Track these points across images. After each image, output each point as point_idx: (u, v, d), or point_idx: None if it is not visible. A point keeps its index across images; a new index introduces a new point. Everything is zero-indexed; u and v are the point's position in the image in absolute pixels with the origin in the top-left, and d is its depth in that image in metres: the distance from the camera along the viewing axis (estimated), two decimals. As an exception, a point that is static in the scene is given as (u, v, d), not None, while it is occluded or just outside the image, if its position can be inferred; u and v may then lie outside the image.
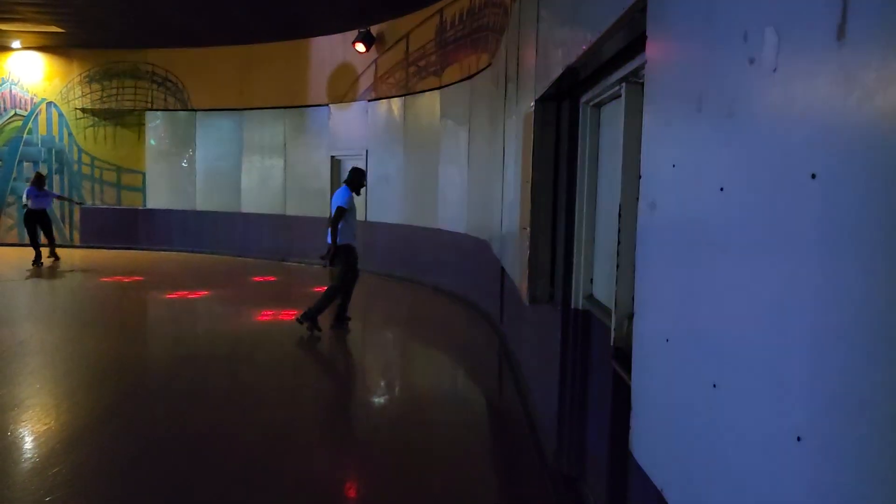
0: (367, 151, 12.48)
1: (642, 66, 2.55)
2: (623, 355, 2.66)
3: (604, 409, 3.04)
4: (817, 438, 0.94)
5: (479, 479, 4.10)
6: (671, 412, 1.48)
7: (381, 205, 12.24)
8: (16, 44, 14.94)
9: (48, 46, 15.08)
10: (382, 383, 6.30)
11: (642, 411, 1.70)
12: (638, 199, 2.63)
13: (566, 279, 3.85)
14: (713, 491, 1.25)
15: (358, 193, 7.56)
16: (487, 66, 8.62)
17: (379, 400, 5.78)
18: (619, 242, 2.71)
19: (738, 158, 1.18)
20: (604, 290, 3.37)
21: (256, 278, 11.86)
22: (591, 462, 3.41)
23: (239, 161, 14.43)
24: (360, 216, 13.06)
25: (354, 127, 12.71)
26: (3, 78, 15.38)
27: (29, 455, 4.22)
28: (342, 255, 7.27)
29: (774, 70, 1.06)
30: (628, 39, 2.51)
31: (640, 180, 1.81)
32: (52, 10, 12.00)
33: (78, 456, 4.16)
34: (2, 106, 15.43)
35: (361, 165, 12.75)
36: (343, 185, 7.49)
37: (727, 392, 1.20)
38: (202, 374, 6.12)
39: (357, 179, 7.54)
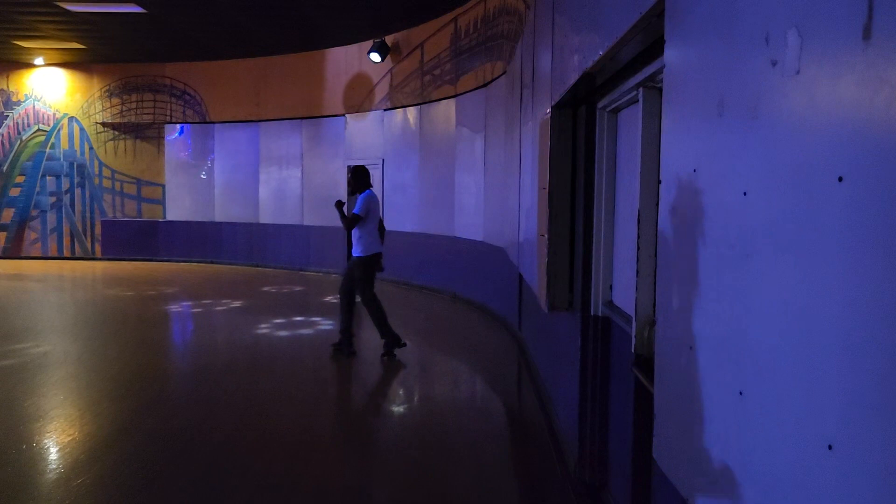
0: (383, 161, 12.52)
1: (660, 71, 2.53)
2: (644, 362, 2.63)
3: (626, 416, 3.01)
4: (849, 447, 0.92)
5: (499, 487, 4.07)
6: (696, 420, 1.46)
7: (397, 213, 12.26)
8: (38, 61, 15.22)
9: (69, 63, 15.34)
10: (401, 391, 6.29)
11: (666, 419, 1.68)
12: (657, 204, 2.63)
13: (585, 286, 3.83)
14: (741, 501, 1.22)
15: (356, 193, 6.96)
16: (502, 74, 8.62)
17: (398, 408, 5.77)
18: (638, 249, 2.69)
19: (761, 162, 1.17)
20: (623, 297, 3.34)
21: (275, 288, 11.91)
22: (614, 470, 3.37)
23: (256, 172, 14.54)
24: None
25: (370, 136, 12.76)
26: (26, 94, 15.65)
27: (53, 466, 4.26)
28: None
29: (798, 72, 1.05)
30: (645, 44, 2.50)
31: (660, 185, 1.79)
32: (73, 26, 12.20)
33: (102, 467, 4.18)
34: (25, 121, 15.70)
35: (377, 174, 12.81)
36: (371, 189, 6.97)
37: (754, 400, 1.18)
38: (223, 384, 6.14)
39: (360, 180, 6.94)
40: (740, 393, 1.22)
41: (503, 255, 8.07)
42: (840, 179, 0.93)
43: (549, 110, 4.23)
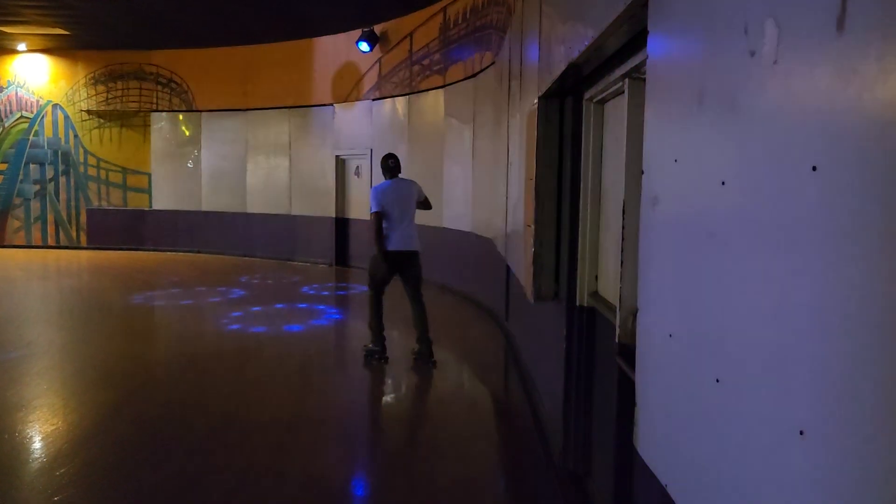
0: (371, 151, 12.48)
1: (644, 62, 2.54)
2: (628, 352, 2.65)
3: (609, 406, 3.03)
4: (820, 433, 0.93)
5: (485, 476, 4.10)
6: (675, 408, 1.47)
7: (385, 204, 12.23)
8: (21, 46, 15.01)
9: (53, 49, 15.15)
10: (388, 381, 6.30)
11: (646, 407, 1.70)
12: (641, 195, 2.64)
13: (571, 276, 3.84)
14: (718, 486, 1.24)
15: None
16: (491, 65, 8.61)
17: (385, 397, 5.79)
18: (623, 239, 2.70)
19: (738, 152, 1.18)
20: (609, 288, 3.36)
21: (258, 278, 11.87)
22: (598, 459, 3.40)
23: (244, 161, 14.46)
24: (364, 215, 13.16)
25: (359, 126, 12.72)
26: (8, 80, 15.45)
27: (36, 455, 4.24)
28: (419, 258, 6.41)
29: (775, 62, 1.06)
30: (630, 35, 2.50)
31: (643, 176, 1.80)
32: (56, 12, 12.04)
33: (86, 455, 4.17)
34: (8, 108, 15.50)
35: (366, 165, 12.77)
36: (397, 178, 6.36)
37: (730, 387, 1.19)
38: (208, 373, 6.13)
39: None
40: (717, 380, 1.23)
41: (491, 245, 8.09)
42: (814, 169, 0.94)
43: (536, 101, 4.23)
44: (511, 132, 6.34)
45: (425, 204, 6.37)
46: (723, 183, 1.22)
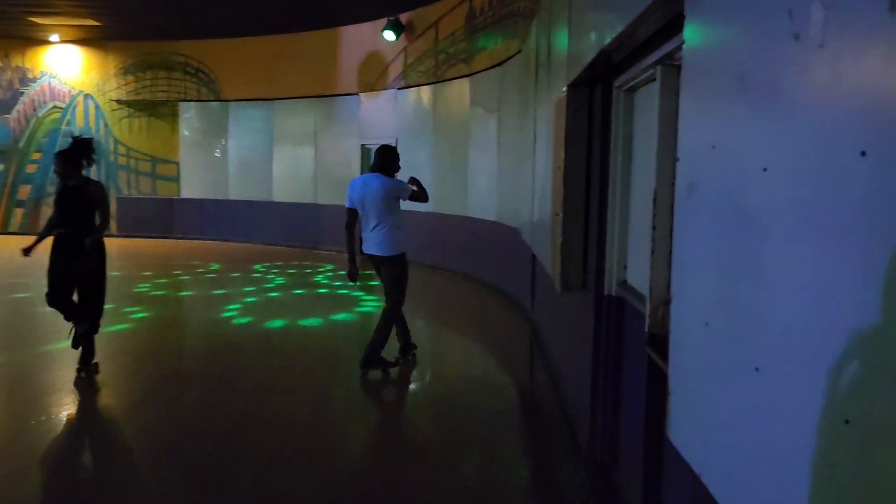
0: (396, 140, 12.49)
1: (678, 48, 2.50)
2: (658, 342, 2.63)
3: (638, 395, 3.02)
4: (866, 422, 0.92)
5: (511, 465, 4.10)
6: (711, 397, 1.46)
7: (410, 193, 12.25)
8: (54, 37, 15.25)
9: (84, 39, 15.35)
10: (414, 370, 6.33)
11: (680, 396, 1.69)
12: (673, 183, 2.61)
13: (599, 266, 3.82)
14: (756, 475, 1.23)
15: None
16: (517, 53, 8.55)
17: (410, 386, 5.82)
18: (653, 228, 2.68)
19: (782, 137, 1.16)
20: (637, 277, 3.34)
21: (282, 264, 11.97)
22: (626, 449, 3.39)
23: (270, 150, 14.56)
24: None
25: (384, 115, 12.73)
26: (42, 71, 15.72)
27: (70, 437, 4.33)
28: (397, 264, 5.63)
29: (821, 46, 1.04)
30: (664, 21, 2.47)
31: (678, 163, 1.78)
32: (87, 3, 12.20)
33: (117, 439, 4.26)
34: (41, 98, 15.78)
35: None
36: (373, 173, 5.61)
37: (771, 376, 1.18)
38: (236, 360, 6.21)
39: (391, 162, 5.68)
40: (756, 369, 1.22)
41: (517, 235, 8.06)
42: (863, 154, 0.92)
43: (564, 89, 4.20)
44: (538, 121, 6.30)
45: (418, 196, 5.75)
46: (765, 169, 1.20)
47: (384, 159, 5.62)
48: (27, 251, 5.42)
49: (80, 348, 5.28)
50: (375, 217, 5.48)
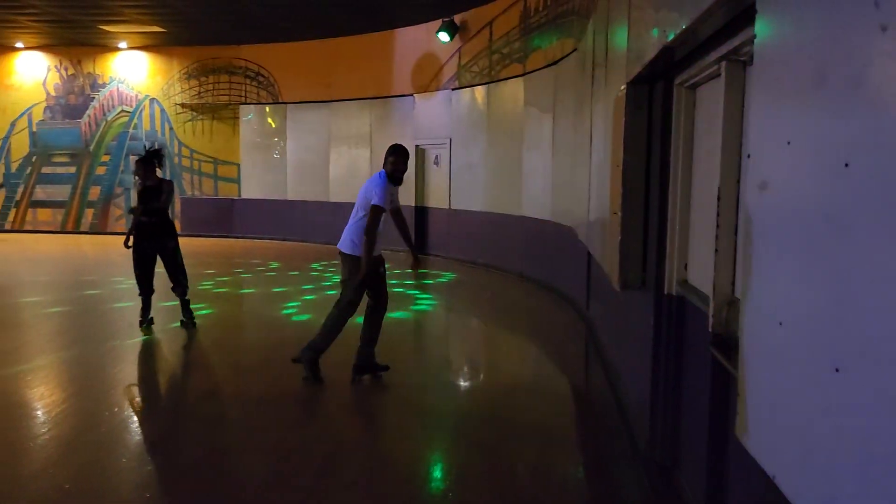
0: (450, 140, 12.55)
1: (745, 43, 2.46)
2: (722, 341, 2.59)
3: (701, 396, 2.97)
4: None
5: (568, 464, 4.09)
6: (786, 398, 1.44)
7: (464, 193, 12.29)
8: (122, 44, 15.87)
9: (150, 46, 15.93)
10: (468, 368, 6.36)
11: (752, 397, 1.66)
12: (738, 181, 2.57)
13: (658, 264, 3.77)
14: (834, 477, 1.21)
15: (398, 184, 5.35)
16: (572, 52, 8.49)
17: (465, 384, 5.84)
18: (717, 226, 2.63)
19: (865, 132, 1.13)
20: (699, 276, 3.28)
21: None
22: (687, 450, 3.34)
23: (327, 151, 14.81)
24: (443, 203, 13.27)
25: (438, 116, 12.80)
26: (111, 77, 16.38)
27: (142, 428, 4.50)
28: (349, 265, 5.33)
29: (909, 38, 1.01)
30: (730, 16, 2.43)
31: (748, 160, 1.75)
32: (154, 10, 12.64)
33: (187, 430, 4.40)
34: (110, 103, 16.44)
35: (445, 154, 12.83)
36: (380, 172, 5.31)
37: (852, 377, 1.16)
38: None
39: (401, 165, 5.27)
40: (836, 370, 1.20)
41: (571, 233, 8.01)
42: (954, 148, 0.90)
43: (623, 87, 4.15)
44: (594, 119, 6.24)
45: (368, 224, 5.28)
46: (846, 165, 1.18)
47: (387, 161, 5.31)
48: (126, 243, 6.62)
49: (183, 307, 6.93)
50: (355, 212, 5.35)
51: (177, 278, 6.83)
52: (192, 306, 7.01)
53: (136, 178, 6.87)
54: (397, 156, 5.23)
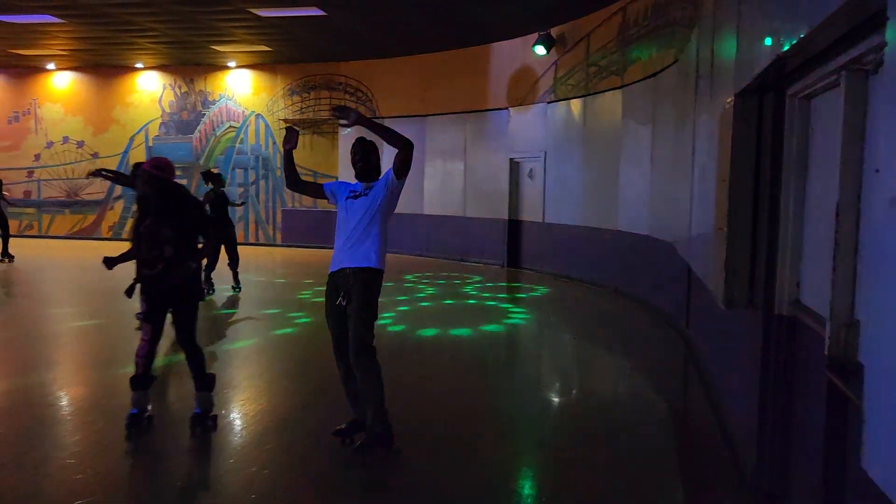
0: (545, 153, 12.49)
1: (868, 52, 2.34)
2: (839, 365, 2.46)
3: (815, 422, 2.82)
4: None
5: (667, 489, 3.96)
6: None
7: (559, 206, 12.19)
8: (231, 63, 16.79)
9: (256, 64, 16.77)
10: (561, 385, 6.28)
11: (878, 425, 1.57)
12: (859, 196, 2.43)
13: (767, 283, 3.62)
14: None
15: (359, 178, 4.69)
16: (673, 63, 8.29)
17: (559, 401, 5.77)
18: (836, 244, 2.51)
19: None
20: (813, 296, 3.13)
21: (435, 276, 12.29)
22: (798, 478, 3.18)
23: (422, 164, 15.06)
24: (537, 217, 13.21)
25: (533, 129, 12.77)
26: (220, 94, 17.34)
27: (246, 431, 4.70)
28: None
29: None
30: (853, 23, 2.32)
31: (876, 175, 1.67)
32: (261, 30, 13.31)
33: (290, 435, 4.57)
34: (219, 119, 17.40)
35: (539, 167, 12.76)
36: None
37: None
38: (400, 363, 6.45)
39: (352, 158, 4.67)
40: (979, 397, 1.12)
41: (669, 249, 7.79)
42: None
43: (731, 98, 4.03)
44: (697, 131, 6.06)
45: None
46: None
47: None
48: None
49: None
50: (354, 225, 4.64)
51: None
52: (292, 314, 7.23)
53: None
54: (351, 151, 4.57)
